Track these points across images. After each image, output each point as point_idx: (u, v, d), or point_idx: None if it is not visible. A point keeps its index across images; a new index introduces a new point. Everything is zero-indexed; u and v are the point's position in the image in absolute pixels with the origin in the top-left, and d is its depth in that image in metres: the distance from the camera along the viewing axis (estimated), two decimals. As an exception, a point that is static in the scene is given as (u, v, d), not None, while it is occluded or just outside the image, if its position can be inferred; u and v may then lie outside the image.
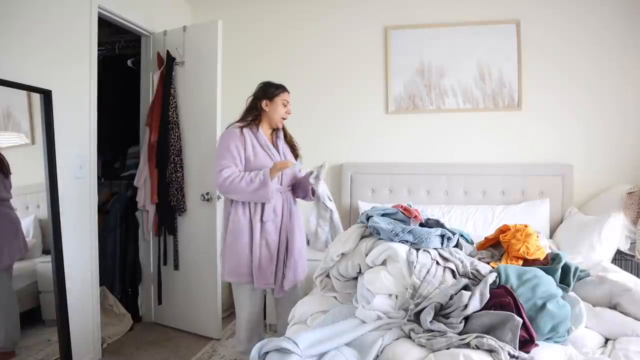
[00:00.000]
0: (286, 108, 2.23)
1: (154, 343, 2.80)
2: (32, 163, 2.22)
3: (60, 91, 2.27)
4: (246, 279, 2.15)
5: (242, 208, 2.13)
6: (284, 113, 2.22)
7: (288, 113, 2.24)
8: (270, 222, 2.14)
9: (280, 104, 2.21)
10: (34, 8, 2.16)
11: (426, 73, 3.22)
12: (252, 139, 2.15)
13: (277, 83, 2.25)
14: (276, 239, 2.17)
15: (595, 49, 3.01)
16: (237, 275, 2.15)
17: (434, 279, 1.49)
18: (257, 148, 2.14)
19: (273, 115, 2.21)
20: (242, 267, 2.13)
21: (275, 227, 2.16)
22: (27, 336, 2.23)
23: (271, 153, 2.15)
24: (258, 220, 2.12)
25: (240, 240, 2.13)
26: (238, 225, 2.13)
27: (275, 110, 2.20)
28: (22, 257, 2.21)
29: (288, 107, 2.24)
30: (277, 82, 2.25)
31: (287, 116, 2.24)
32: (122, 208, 3.12)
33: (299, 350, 1.20)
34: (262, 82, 2.26)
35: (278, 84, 2.25)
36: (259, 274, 2.13)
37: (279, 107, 2.20)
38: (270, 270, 2.15)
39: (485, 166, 3.11)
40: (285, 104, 2.23)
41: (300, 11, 3.40)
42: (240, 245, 2.13)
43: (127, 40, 3.33)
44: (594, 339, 1.40)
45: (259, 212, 2.12)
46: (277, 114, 2.20)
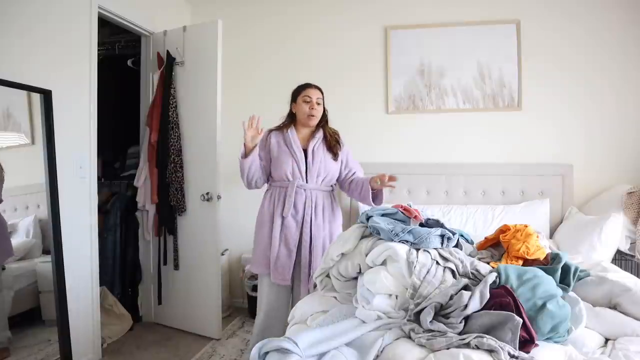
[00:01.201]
0: (309, 104, 2.24)
1: (154, 343, 2.80)
2: (32, 163, 2.22)
3: (60, 91, 2.27)
4: (265, 272, 2.22)
5: (268, 201, 2.26)
6: (308, 109, 2.23)
7: (312, 109, 2.23)
8: (290, 218, 2.18)
9: (302, 102, 2.25)
10: (34, 8, 2.16)
11: (426, 73, 3.22)
12: (279, 140, 2.25)
13: (306, 82, 2.31)
14: (296, 236, 2.19)
15: (595, 49, 3.01)
16: (257, 267, 2.26)
17: (434, 279, 1.49)
18: (282, 148, 2.23)
19: (299, 115, 2.27)
20: (261, 259, 2.23)
21: (296, 223, 2.19)
22: (27, 336, 2.23)
23: (293, 151, 2.21)
24: (279, 215, 2.19)
25: (261, 233, 2.24)
26: (261, 217, 2.27)
27: (299, 109, 2.26)
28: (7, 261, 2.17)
29: (312, 103, 2.24)
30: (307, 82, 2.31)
31: (313, 112, 2.24)
32: (122, 208, 3.12)
33: (299, 350, 1.20)
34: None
35: (305, 83, 2.30)
36: (275, 268, 2.17)
37: (301, 105, 2.25)
38: (287, 266, 2.18)
39: (485, 166, 3.11)
40: (308, 100, 2.24)
41: (300, 11, 3.40)
42: (260, 237, 2.25)
43: (127, 40, 3.33)
44: (594, 339, 1.40)
45: (280, 207, 2.19)
46: (300, 112, 2.26)
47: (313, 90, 2.27)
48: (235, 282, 3.49)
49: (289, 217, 2.18)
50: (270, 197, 2.26)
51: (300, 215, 2.20)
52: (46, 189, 2.19)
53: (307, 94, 2.24)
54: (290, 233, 2.18)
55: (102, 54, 3.15)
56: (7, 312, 2.13)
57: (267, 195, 2.30)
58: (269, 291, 2.24)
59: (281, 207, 2.19)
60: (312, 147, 2.26)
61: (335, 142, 2.33)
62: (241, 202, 3.43)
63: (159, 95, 2.91)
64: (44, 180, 2.18)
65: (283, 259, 2.18)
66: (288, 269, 2.18)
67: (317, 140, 2.28)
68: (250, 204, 3.34)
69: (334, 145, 2.31)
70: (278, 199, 2.22)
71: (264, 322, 2.24)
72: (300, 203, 2.20)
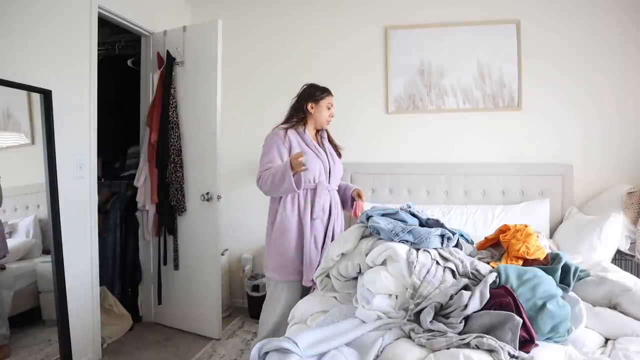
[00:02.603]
0: (330, 111, 2.29)
1: (154, 343, 2.80)
2: (32, 163, 2.22)
3: (60, 91, 2.27)
4: (293, 277, 2.16)
5: (291, 204, 2.16)
6: (328, 116, 2.29)
7: (331, 116, 2.30)
8: (319, 219, 2.18)
9: (325, 107, 2.27)
10: (34, 8, 2.16)
11: (426, 73, 3.22)
12: (299, 140, 2.21)
13: (323, 86, 2.31)
14: (323, 236, 2.20)
15: (595, 49, 3.01)
16: (283, 273, 2.16)
17: (434, 279, 1.49)
18: (305, 148, 2.19)
19: (319, 118, 2.27)
20: (289, 264, 2.15)
21: (322, 224, 2.20)
22: (27, 336, 2.23)
23: (318, 152, 2.21)
24: (308, 218, 2.15)
25: (288, 237, 2.14)
26: (286, 221, 2.15)
27: (320, 112, 2.26)
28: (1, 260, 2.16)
29: (332, 110, 2.30)
30: (322, 85, 2.31)
31: (330, 119, 2.31)
32: (122, 208, 3.12)
33: (299, 350, 1.20)
34: (307, 83, 2.32)
35: (323, 87, 2.31)
36: (309, 271, 2.12)
37: (324, 110, 2.26)
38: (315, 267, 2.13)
39: (485, 166, 3.11)
40: (330, 107, 2.29)
41: (300, 11, 3.40)
42: (287, 242, 2.14)
43: (127, 40, 3.33)
44: (594, 339, 1.40)
45: (309, 209, 2.15)
46: (322, 116, 2.27)
47: (333, 98, 2.32)
48: (235, 282, 3.49)
49: (317, 220, 2.17)
50: (294, 200, 2.16)
51: (326, 215, 2.21)
52: (46, 189, 2.19)
53: (330, 101, 2.29)
54: (319, 235, 2.17)
55: (102, 54, 3.15)
56: (7, 312, 2.14)
57: (288, 200, 2.16)
58: (292, 293, 2.18)
59: (310, 210, 2.15)
60: (327, 148, 2.30)
61: (335, 142, 2.39)
62: (241, 202, 3.44)
63: (159, 95, 2.91)
64: (44, 180, 2.18)
65: (314, 261, 2.14)
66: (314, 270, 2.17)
67: (326, 140, 2.34)
68: (250, 203, 3.37)
69: (336, 146, 2.38)
70: (304, 202, 2.16)
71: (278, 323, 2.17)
72: (326, 204, 2.21)
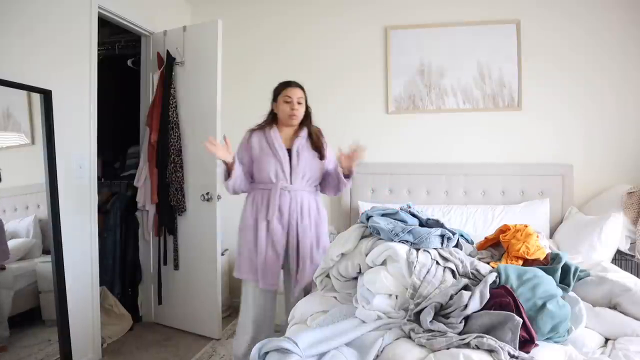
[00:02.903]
0: (290, 104, 2.14)
1: (154, 343, 2.80)
2: (32, 163, 2.22)
3: (60, 91, 2.27)
4: (251, 277, 2.15)
5: (250, 206, 2.18)
6: (289, 110, 2.14)
7: (293, 109, 2.14)
8: (276, 221, 2.10)
9: (283, 102, 2.16)
10: (34, 8, 2.16)
11: (426, 73, 3.22)
12: (262, 140, 2.17)
13: (286, 80, 2.21)
14: (283, 240, 2.12)
15: (595, 49, 3.01)
16: (242, 273, 2.19)
17: (434, 279, 1.49)
18: (264, 149, 2.15)
19: (280, 115, 2.19)
20: (246, 265, 2.16)
21: (282, 227, 2.12)
22: (27, 336, 2.23)
23: (276, 151, 2.13)
24: (263, 219, 2.11)
25: (245, 238, 2.16)
26: (245, 222, 2.18)
27: (280, 109, 2.18)
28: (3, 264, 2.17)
29: (293, 103, 2.14)
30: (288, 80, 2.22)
31: (294, 112, 2.15)
32: (122, 208, 3.12)
33: (299, 350, 1.20)
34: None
35: (286, 81, 2.21)
36: (264, 274, 2.11)
37: (282, 105, 2.16)
38: (275, 271, 2.12)
39: (485, 166, 3.11)
40: (288, 100, 2.14)
41: (300, 11, 3.40)
42: (244, 243, 2.17)
43: (127, 40, 3.33)
44: (594, 339, 1.40)
45: (264, 211, 2.12)
46: (282, 113, 2.17)
47: (294, 90, 2.17)
48: (235, 282, 3.47)
49: (274, 221, 2.10)
50: (253, 200, 2.17)
51: (285, 218, 2.12)
52: (46, 189, 2.18)
53: (287, 93, 2.15)
54: (277, 237, 2.11)
55: (102, 54, 3.15)
56: (7, 312, 2.14)
57: (249, 199, 2.21)
58: (257, 298, 2.17)
59: (265, 211, 2.11)
60: (297, 147, 2.17)
61: (320, 141, 2.24)
62: (241, 202, 3.42)
63: (159, 95, 2.91)
64: (44, 180, 2.18)
65: (271, 263, 2.11)
66: (277, 274, 2.13)
67: (301, 139, 2.19)
68: (250, 204, 3.36)
69: (320, 145, 2.22)
70: (261, 202, 2.13)
71: (255, 331, 2.16)
72: (285, 205, 2.12)
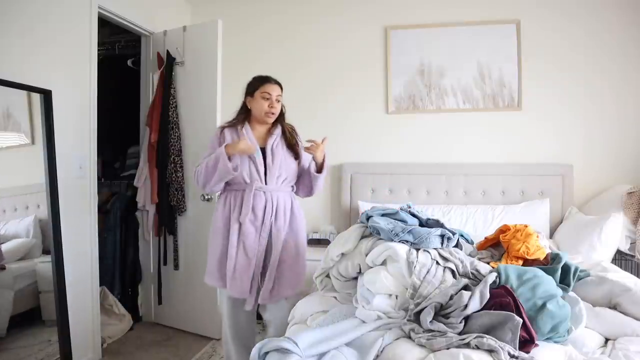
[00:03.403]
0: (269, 101, 2.00)
1: (154, 343, 2.80)
2: (32, 163, 2.22)
3: (60, 91, 2.27)
4: (220, 284, 2.01)
5: (222, 207, 2.03)
6: (267, 107, 2.00)
7: (271, 107, 2.01)
8: (249, 224, 1.96)
9: (260, 98, 2.01)
10: (34, 8, 2.16)
11: (426, 73, 3.22)
12: (234, 138, 2.02)
13: (263, 75, 2.08)
14: (255, 244, 1.97)
15: (595, 49, 3.01)
16: (211, 278, 2.04)
17: (434, 279, 1.49)
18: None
19: (255, 112, 2.04)
20: (215, 271, 2.01)
21: (255, 230, 1.97)
22: (27, 336, 2.23)
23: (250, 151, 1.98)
24: (235, 221, 1.97)
25: (215, 241, 2.02)
26: (216, 224, 2.03)
27: (255, 105, 2.03)
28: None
29: (272, 100, 2.01)
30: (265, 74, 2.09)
31: (272, 110, 2.02)
32: (122, 208, 3.12)
33: (299, 350, 1.20)
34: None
35: (263, 76, 2.07)
36: (233, 280, 1.95)
37: (259, 101, 2.01)
38: (246, 278, 1.96)
39: (485, 166, 3.11)
40: (267, 97, 2.00)
41: (300, 11, 3.40)
42: (214, 246, 2.02)
43: (127, 40, 3.33)
44: (594, 339, 1.40)
45: (237, 212, 1.97)
46: (257, 109, 2.02)
47: (273, 86, 2.03)
48: (235, 282, 3.48)
49: (246, 223, 1.95)
50: (225, 201, 2.03)
51: (259, 220, 1.97)
52: (46, 189, 2.18)
53: (266, 90, 2.00)
54: (249, 240, 1.96)
55: (102, 54, 3.15)
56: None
57: (221, 200, 2.06)
58: (232, 306, 2.02)
59: (238, 212, 1.97)
60: (271, 146, 2.03)
61: (295, 139, 2.10)
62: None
63: (158, 95, 2.91)
64: (44, 180, 2.18)
65: (241, 269, 1.95)
66: (247, 281, 1.96)
67: (275, 137, 2.05)
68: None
69: (294, 143, 2.08)
70: (234, 204, 1.99)
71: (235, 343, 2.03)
72: (259, 207, 1.97)
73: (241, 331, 2.06)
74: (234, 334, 2.06)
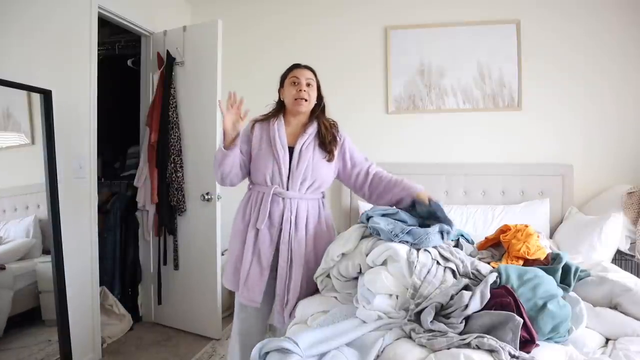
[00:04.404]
0: (298, 86, 1.83)
1: (154, 343, 2.80)
2: (32, 163, 2.22)
3: (60, 91, 2.26)
4: (234, 288, 1.92)
5: (242, 212, 1.90)
6: (296, 92, 1.83)
7: (300, 91, 1.82)
8: (265, 230, 1.82)
9: (289, 85, 1.85)
10: (34, 8, 2.16)
11: (426, 73, 3.22)
12: (263, 135, 1.86)
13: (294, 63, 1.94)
14: (270, 252, 1.82)
15: (595, 49, 3.01)
16: (227, 281, 1.95)
17: (435, 279, 1.49)
18: (263, 145, 1.84)
19: (287, 102, 1.87)
20: (231, 274, 1.91)
21: (270, 237, 1.82)
22: (27, 336, 2.23)
23: (276, 151, 1.81)
24: (252, 226, 1.84)
25: (234, 244, 1.92)
26: (236, 226, 1.92)
27: (287, 94, 1.86)
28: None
29: (301, 84, 1.83)
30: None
31: (302, 94, 1.82)
32: (122, 208, 3.12)
33: (300, 350, 1.20)
34: None
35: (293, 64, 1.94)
36: (245, 287, 1.84)
37: (288, 88, 1.85)
38: (258, 287, 1.83)
39: (485, 166, 3.11)
40: (296, 82, 1.84)
41: (300, 11, 3.40)
42: (232, 249, 1.93)
43: (127, 40, 3.33)
44: (595, 339, 1.40)
45: (255, 218, 1.84)
46: (289, 97, 1.85)
47: (302, 70, 1.87)
48: (235, 282, 3.48)
49: (263, 229, 1.81)
50: (248, 202, 1.88)
51: (276, 228, 1.81)
52: (46, 189, 2.18)
53: (294, 74, 1.85)
54: (263, 248, 1.81)
55: (102, 54, 3.15)
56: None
57: (244, 200, 1.93)
58: (240, 311, 1.92)
59: (255, 217, 1.82)
60: (301, 146, 1.82)
61: (332, 138, 1.87)
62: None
63: (158, 95, 2.91)
64: (44, 180, 2.18)
65: (254, 277, 1.82)
66: (258, 290, 1.82)
67: (308, 136, 1.85)
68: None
69: (329, 142, 1.85)
70: (255, 207, 1.84)
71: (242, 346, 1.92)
72: (276, 214, 1.81)
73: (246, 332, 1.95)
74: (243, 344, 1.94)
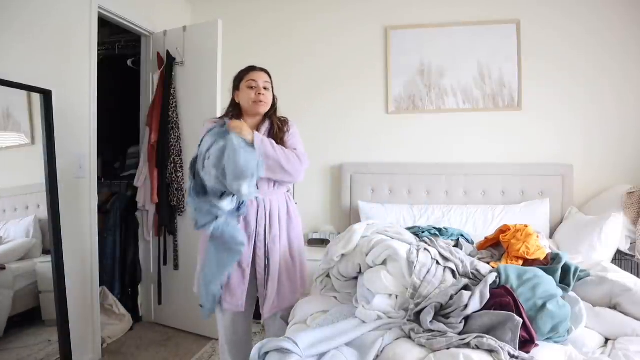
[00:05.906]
0: (255, 89, 1.85)
1: (154, 343, 2.80)
2: (32, 163, 2.21)
3: (60, 91, 2.26)
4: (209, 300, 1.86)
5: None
6: (254, 95, 1.84)
7: (259, 94, 1.84)
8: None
9: (246, 88, 1.86)
10: (34, 8, 2.16)
11: (426, 73, 3.22)
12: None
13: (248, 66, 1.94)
14: (247, 254, 1.83)
15: (596, 49, 3.01)
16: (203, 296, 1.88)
17: (434, 279, 1.49)
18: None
19: (244, 104, 1.89)
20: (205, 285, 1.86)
21: (247, 238, 1.81)
22: (27, 336, 2.23)
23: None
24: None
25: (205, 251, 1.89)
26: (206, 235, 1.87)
27: (243, 97, 1.88)
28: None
29: (259, 88, 1.85)
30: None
31: (260, 98, 1.85)
32: (122, 208, 3.12)
33: (299, 350, 1.20)
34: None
35: (247, 66, 1.93)
36: (227, 293, 1.83)
37: (245, 91, 1.86)
38: (241, 290, 1.83)
39: (485, 166, 3.11)
40: (253, 85, 1.85)
41: (300, 11, 3.40)
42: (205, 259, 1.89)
43: (127, 40, 3.33)
44: (594, 339, 1.40)
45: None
46: (246, 100, 1.86)
47: (258, 74, 1.88)
48: (235, 282, 3.48)
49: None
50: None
51: (252, 228, 1.83)
52: (46, 189, 2.18)
53: (251, 77, 1.86)
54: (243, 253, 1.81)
55: (102, 54, 3.15)
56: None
57: None
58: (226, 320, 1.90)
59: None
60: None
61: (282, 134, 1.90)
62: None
63: (158, 95, 2.91)
64: (44, 180, 2.18)
65: (236, 281, 1.82)
66: (241, 293, 1.83)
67: (262, 133, 1.86)
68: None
69: (280, 138, 1.87)
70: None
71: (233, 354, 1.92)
72: (251, 214, 1.82)
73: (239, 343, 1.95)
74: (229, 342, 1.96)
